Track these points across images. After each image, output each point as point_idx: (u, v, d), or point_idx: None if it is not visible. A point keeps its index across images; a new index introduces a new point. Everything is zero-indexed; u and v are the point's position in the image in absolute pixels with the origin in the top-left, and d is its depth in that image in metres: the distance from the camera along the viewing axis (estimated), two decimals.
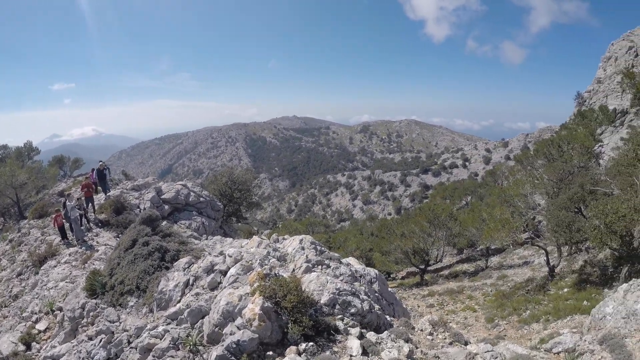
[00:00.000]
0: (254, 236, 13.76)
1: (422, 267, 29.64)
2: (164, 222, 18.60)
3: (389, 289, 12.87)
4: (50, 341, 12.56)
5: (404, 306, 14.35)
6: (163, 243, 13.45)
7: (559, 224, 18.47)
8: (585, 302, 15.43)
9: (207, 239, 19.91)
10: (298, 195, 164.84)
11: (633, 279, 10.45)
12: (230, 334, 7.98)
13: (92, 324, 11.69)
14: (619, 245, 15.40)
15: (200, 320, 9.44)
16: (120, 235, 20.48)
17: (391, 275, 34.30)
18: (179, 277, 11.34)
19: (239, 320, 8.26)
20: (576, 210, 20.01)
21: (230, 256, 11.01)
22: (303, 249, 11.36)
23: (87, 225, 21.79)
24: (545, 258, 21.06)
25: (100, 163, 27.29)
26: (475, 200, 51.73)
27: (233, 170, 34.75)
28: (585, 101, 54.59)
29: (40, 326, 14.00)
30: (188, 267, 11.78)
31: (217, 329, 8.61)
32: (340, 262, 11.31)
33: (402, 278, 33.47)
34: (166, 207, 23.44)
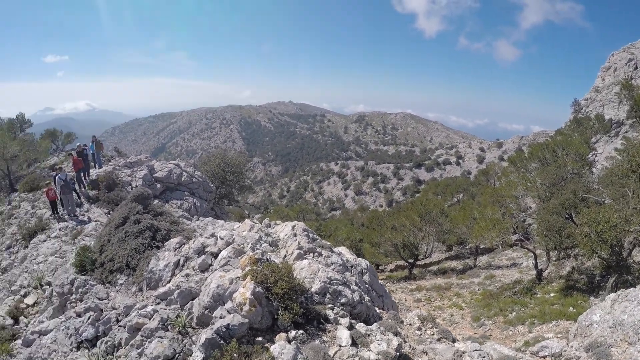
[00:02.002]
0: (246, 220, 13.74)
1: (411, 261, 29.71)
2: (156, 201, 18.51)
3: (379, 281, 12.91)
4: (39, 316, 12.55)
5: (393, 299, 14.40)
6: (154, 222, 13.39)
7: (549, 228, 18.56)
8: (571, 308, 15.53)
9: (198, 220, 19.89)
10: (290, 182, 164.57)
11: (621, 289, 10.54)
12: (220, 318, 7.96)
13: (81, 301, 11.63)
14: (609, 254, 15.48)
15: (190, 302, 9.42)
16: (111, 212, 20.40)
17: (380, 267, 34.40)
18: (169, 257, 11.30)
19: (229, 304, 8.24)
20: (567, 216, 20.12)
21: (222, 238, 10.98)
22: (295, 235, 11.35)
23: (78, 200, 21.66)
24: (533, 261, 21.12)
25: (93, 137, 27.18)
26: (467, 198, 51.80)
27: (226, 152, 34.65)
28: (582, 108, 54.90)
29: (29, 300, 13.98)
30: (179, 248, 11.74)
31: (207, 311, 8.59)
32: (332, 251, 11.32)
33: (391, 271, 33.58)
34: (158, 185, 23.34)
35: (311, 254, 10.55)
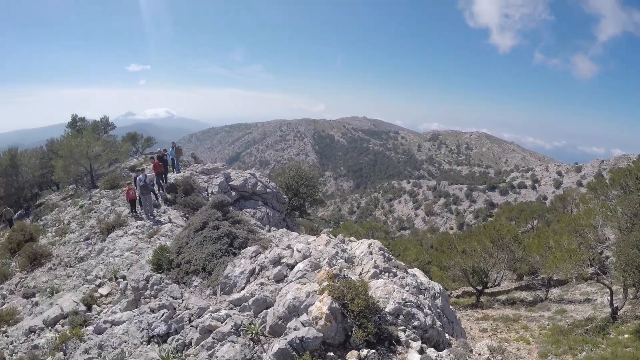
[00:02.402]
0: (322, 234, 13.77)
1: (480, 288, 28.79)
2: (230, 208, 18.89)
3: (450, 307, 12.61)
4: (112, 306, 12.88)
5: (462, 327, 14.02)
6: (232, 229, 13.62)
7: (629, 263, 17.51)
8: None
9: (269, 229, 20.09)
10: (361, 198, 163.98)
11: None
12: (295, 329, 7.99)
13: (155, 297, 11.92)
14: None
15: (264, 311, 9.49)
16: (187, 215, 21.01)
17: (447, 292, 33.65)
18: (245, 265, 11.45)
19: (304, 317, 8.26)
20: None
21: (299, 251, 11.04)
22: (371, 253, 11.25)
23: (156, 201, 22.42)
24: (609, 298, 20.01)
25: (173, 144, 28.20)
26: (542, 225, 49.90)
27: (301, 165, 34.91)
28: None
29: (103, 290, 14.40)
30: (255, 256, 11.88)
31: (280, 321, 8.64)
32: (407, 272, 11.17)
33: (457, 297, 32.74)
34: (233, 193, 23.75)
35: (386, 274, 10.43)
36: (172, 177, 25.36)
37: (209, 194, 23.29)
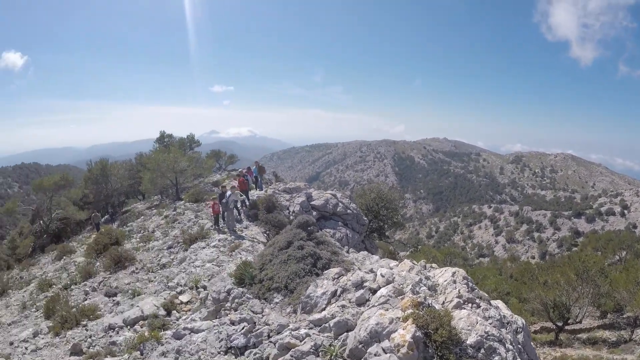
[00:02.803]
0: (405, 260, 13.68)
1: (560, 324, 27.42)
2: (314, 228, 19.13)
3: (531, 344, 12.17)
4: (191, 314, 13.25)
5: None
6: (316, 250, 13.78)
7: None
8: None
9: (348, 251, 20.19)
10: (440, 222, 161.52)
11: None
12: (375, 355, 7.98)
13: (235, 310, 12.17)
14: None
15: (345, 333, 9.51)
16: (267, 232, 21.48)
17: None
18: (327, 286, 11.54)
19: (385, 343, 8.24)
20: None
21: (383, 276, 11.00)
22: (455, 282, 11.05)
23: (239, 217, 23.06)
24: None
25: (255, 162, 29.06)
26: (631, 257, 47.11)
27: (381, 186, 34.93)
28: None
29: (183, 298, 14.88)
30: (337, 278, 11.94)
31: (361, 346, 8.64)
32: (490, 304, 10.88)
33: (535, 332, 31.39)
34: (314, 213, 24.08)
35: (470, 304, 10.22)
36: (255, 194, 26.02)
37: (290, 213, 23.74)
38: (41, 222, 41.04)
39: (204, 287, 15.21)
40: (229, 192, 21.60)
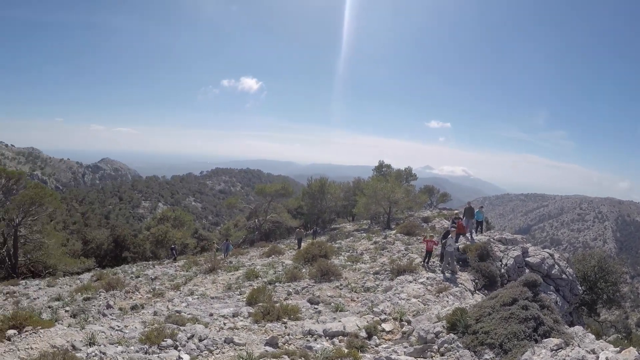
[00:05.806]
0: (630, 348, 12.33)
1: None
2: (539, 290, 18.16)
3: None
4: (393, 345, 13.34)
5: None
6: (540, 314, 13.08)
7: None
8: None
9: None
10: None
11: None
12: None
13: (442, 355, 12.04)
14: None
15: None
16: (476, 280, 20.89)
17: None
18: (545, 356, 10.87)
19: None
20: None
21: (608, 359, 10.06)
22: None
23: (454, 264, 22.69)
24: None
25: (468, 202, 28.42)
26: None
27: (604, 255, 31.86)
28: None
29: (386, 326, 15.04)
30: (556, 350, 11.20)
31: None
32: None
33: None
34: (527, 270, 22.82)
35: None
36: (475, 238, 25.51)
37: (503, 265, 22.82)
38: (256, 220, 45.35)
39: (408, 322, 15.26)
40: (451, 236, 21.28)
